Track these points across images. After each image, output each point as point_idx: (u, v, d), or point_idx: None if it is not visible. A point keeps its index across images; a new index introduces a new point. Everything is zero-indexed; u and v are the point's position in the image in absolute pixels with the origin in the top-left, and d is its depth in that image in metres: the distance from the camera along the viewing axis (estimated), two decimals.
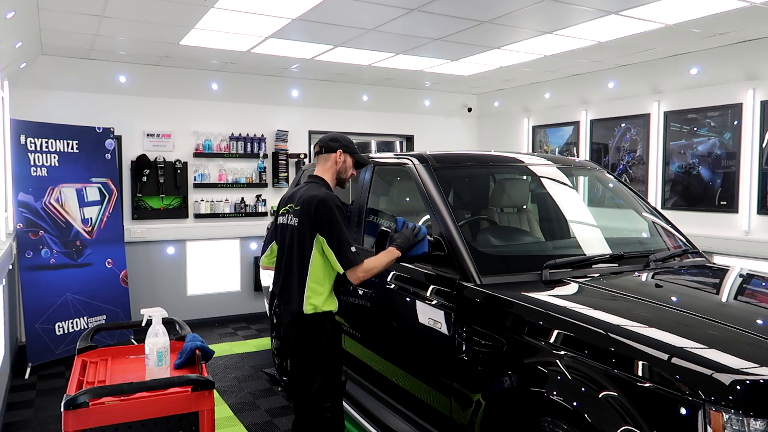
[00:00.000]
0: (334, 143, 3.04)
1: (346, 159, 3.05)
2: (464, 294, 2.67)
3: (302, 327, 2.87)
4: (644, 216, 3.59)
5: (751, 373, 1.79)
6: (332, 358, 2.92)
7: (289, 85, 7.41)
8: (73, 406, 2.12)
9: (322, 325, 2.86)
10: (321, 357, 2.88)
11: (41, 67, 6.08)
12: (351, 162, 3.07)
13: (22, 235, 5.19)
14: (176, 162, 6.69)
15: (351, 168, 3.08)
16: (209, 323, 6.85)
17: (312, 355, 2.87)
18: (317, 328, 2.86)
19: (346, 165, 3.05)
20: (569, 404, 2.02)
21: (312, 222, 2.82)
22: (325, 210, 2.80)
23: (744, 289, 2.93)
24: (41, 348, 5.25)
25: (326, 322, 2.88)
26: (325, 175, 3.04)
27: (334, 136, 3.09)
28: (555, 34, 5.17)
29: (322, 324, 2.86)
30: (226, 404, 4.52)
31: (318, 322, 2.85)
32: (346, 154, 3.04)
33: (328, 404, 2.90)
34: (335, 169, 3.04)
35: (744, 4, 4.30)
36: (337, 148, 3.02)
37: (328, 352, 2.89)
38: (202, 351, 2.66)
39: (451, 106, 8.56)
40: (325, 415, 2.90)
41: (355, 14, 4.64)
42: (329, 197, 2.85)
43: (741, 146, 5.42)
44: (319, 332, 2.86)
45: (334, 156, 3.03)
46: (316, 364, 2.87)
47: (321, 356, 2.88)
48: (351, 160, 3.06)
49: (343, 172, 3.06)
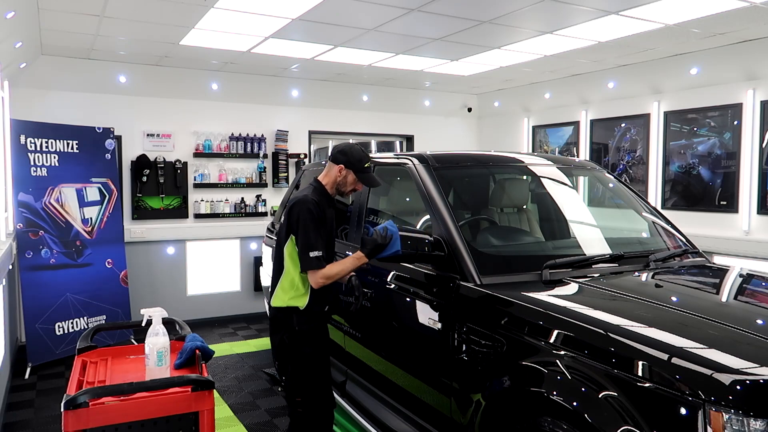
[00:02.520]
0: (340, 156, 3.00)
1: (348, 175, 3.00)
2: (464, 294, 2.67)
3: (273, 321, 3.00)
4: (644, 216, 3.59)
5: (751, 373, 1.79)
6: (299, 353, 2.94)
7: (289, 85, 7.41)
8: (73, 406, 2.12)
9: (288, 321, 2.93)
10: (285, 352, 2.97)
11: (41, 67, 6.08)
12: (353, 179, 3.01)
13: (22, 235, 5.19)
14: (176, 162, 6.69)
15: (353, 184, 3.03)
16: (209, 323, 6.85)
17: (278, 349, 3.00)
18: (284, 323, 2.94)
19: (346, 180, 3.01)
20: (569, 404, 2.02)
21: (286, 221, 2.93)
22: (297, 211, 2.88)
23: (744, 289, 2.93)
24: (41, 348, 5.25)
25: (293, 317, 2.91)
26: (325, 180, 3.06)
27: (343, 148, 3.03)
28: (555, 34, 5.17)
29: (289, 319, 2.93)
30: (226, 404, 4.52)
31: (285, 317, 2.93)
32: (348, 170, 2.99)
33: (299, 399, 2.96)
34: (335, 180, 3.03)
35: (744, 4, 4.30)
36: (341, 162, 2.99)
37: (290, 348, 2.94)
38: (202, 351, 2.67)
39: (451, 106, 8.56)
40: (296, 410, 2.98)
41: (355, 14, 4.64)
42: (305, 199, 2.89)
43: (741, 146, 5.42)
44: (284, 327, 2.94)
45: (336, 168, 3.01)
46: (281, 359, 2.99)
47: (285, 351, 2.97)
48: (353, 176, 3.01)
49: (343, 186, 3.04)
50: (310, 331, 2.94)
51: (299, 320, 2.91)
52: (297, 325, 2.91)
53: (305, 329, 2.93)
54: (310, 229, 2.83)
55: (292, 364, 2.96)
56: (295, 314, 2.91)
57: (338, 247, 3.85)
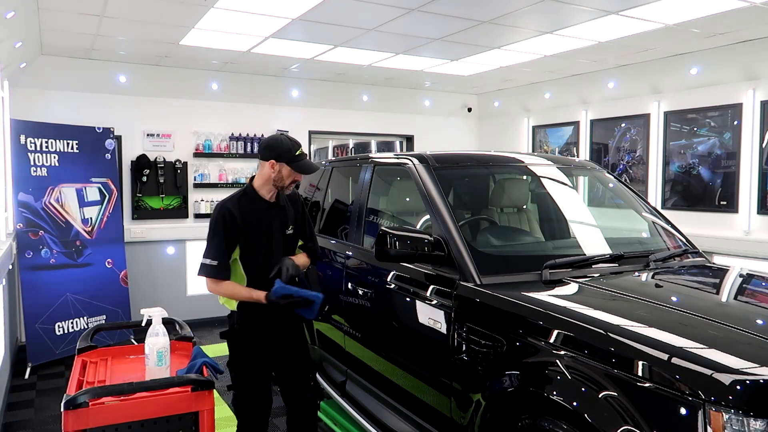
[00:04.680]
0: (267, 152, 2.84)
1: (281, 168, 2.83)
2: (464, 294, 2.67)
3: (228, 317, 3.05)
4: (644, 216, 3.59)
5: (751, 373, 1.79)
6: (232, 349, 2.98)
7: (289, 85, 7.41)
8: (73, 406, 2.12)
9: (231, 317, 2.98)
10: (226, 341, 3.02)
11: (41, 67, 6.08)
12: (288, 171, 2.84)
13: (22, 235, 5.19)
14: (176, 162, 6.69)
15: (291, 176, 2.86)
16: (209, 323, 6.84)
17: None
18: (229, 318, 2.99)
19: (281, 175, 2.84)
20: (569, 404, 2.02)
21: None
22: (212, 215, 2.89)
23: (744, 289, 2.93)
24: (41, 348, 5.25)
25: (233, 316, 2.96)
26: (256, 181, 2.92)
27: (269, 142, 2.87)
28: (555, 34, 5.17)
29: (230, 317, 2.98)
30: (226, 404, 4.52)
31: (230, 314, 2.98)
32: (280, 164, 2.82)
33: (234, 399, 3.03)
34: (269, 177, 2.86)
35: (744, 4, 4.30)
36: (270, 157, 2.83)
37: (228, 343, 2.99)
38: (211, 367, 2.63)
39: (451, 106, 8.56)
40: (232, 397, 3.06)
41: (355, 14, 4.64)
42: (220, 205, 2.87)
43: (741, 146, 5.42)
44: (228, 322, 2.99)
45: (268, 165, 2.85)
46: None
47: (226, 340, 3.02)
48: (287, 169, 2.84)
49: (279, 181, 2.87)
50: (243, 331, 2.94)
51: (237, 320, 2.95)
52: (236, 323, 2.95)
53: (238, 329, 2.95)
54: (211, 237, 2.83)
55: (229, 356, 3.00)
56: (235, 314, 2.96)
57: (338, 247, 3.86)
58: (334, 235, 4.13)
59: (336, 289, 3.71)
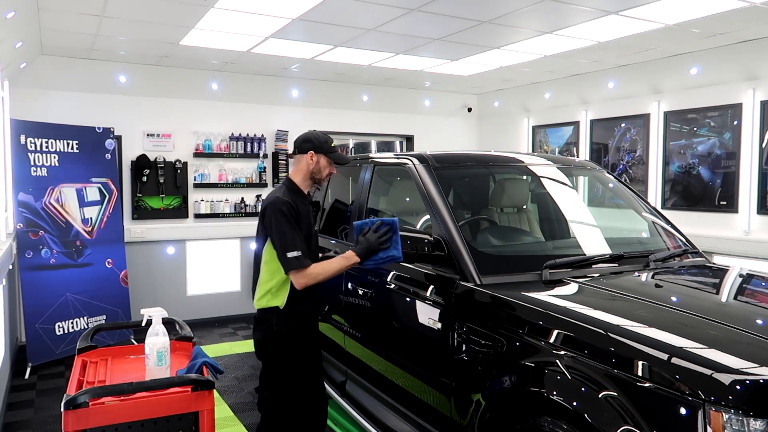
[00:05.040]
0: (306, 144, 2.98)
1: (320, 159, 2.97)
2: (464, 294, 2.67)
3: (255, 321, 3.01)
4: (644, 216, 3.59)
5: (751, 373, 1.79)
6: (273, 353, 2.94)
7: (289, 85, 7.41)
8: (73, 406, 2.12)
9: (267, 320, 2.93)
10: (260, 350, 2.98)
11: (41, 67, 6.08)
12: (326, 162, 2.98)
13: (22, 235, 5.19)
14: (176, 162, 6.69)
15: (327, 167, 3.00)
16: (209, 323, 6.85)
17: (256, 347, 3.02)
18: (263, 322, 2.95)
19: (319, 166, 2.98)
20: (569, 404, 2.02)
21: (261, 223, 2.93)
22: (270, 213, 2.84)
23: (744, 289, 2.93)
24: (41, 348, 5.25)
25: (272, 317, 2.91)
26: (296, 176, 3.01)
27: (306, 136, 3.01)
28: (555, 34, 5.17)
29: (268, 319, 2.93)
30: (226, 404, 4.52)
31: (265, 317, 2.93)
32: (319, 155, 2.97)
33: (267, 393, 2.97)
34: (308, 170, 2.98)
35: (744, 4, 4.30)
36: (309, 149, 2.96)
37: (266, 346, 2.95)
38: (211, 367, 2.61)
39: (451, 106, 8.56)
40: (264, 403, 3.00)
41: (355, 14, 4.64)
42: (276, 201, 2.85)
43: (741, 146, 5.42)
44: (263, 327, 2.94)
45: (306, 157, 2.97)
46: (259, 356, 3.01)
47: (260, 349, 2.98)
48: (325, 160, 2.99)
49: (317, 173, 2.99)
50: (288, 332, 2.91)
51: (278, 321, 2.89)
52: (275, 325, 2.90)
53: (282, 330, 2.90)
54: (285, 230, 2.79)
55: (266, 362, 2.97)
56: (275, 314, 2.90)
57: (339, 248, 3.86)
58: (334, 235, 4.13)
59: (336, 289, 3.71)
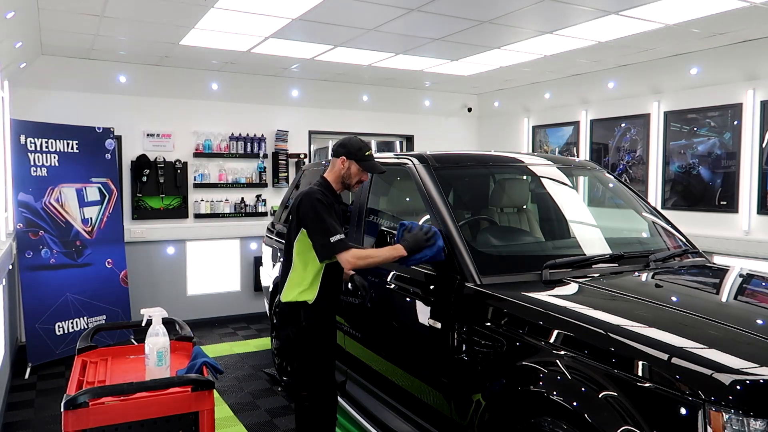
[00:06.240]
0: (340, 149, 3.05)
1: (350, 166, 3.03)
2: (464, 294, 2.67)
3: (282, 316, 3.03)
4: (644, 216, 3.59)
5: (751, 373, 1.79)
6: (305, 349, 2.96)
7: (289, 85, 7.41)
8: (73, 406, 2.12)
9: (296, 315, 2.95)
10: (292, 346, 3.00)
11: (41, 67, 6.08)
12: (356, 169, 3.03)
13: (22, 235, 5.19)
14: (176, 162, 6.69)
15: (358, 174, 3.05)
16: (209, 323, 6.85)
17: (286, 343, 3.03)
18: (292, 317, 2.97)
19: (350, 172, 3.04)
20: (569, 404, 2.02)
21: (296, 216, 2.96)
22: (305, 203, 2.90)
23: (744, 289, 2.93)
24: (41, 348, 5.25)
25: (300, 312, 2.94)
26: (330, 176, 3.09)
27: (342, 141, 3.07)
28: (555, 34, 5.17)
29: (297, 314, 2.95)
30: (226, 404, 4.52)
31: (293, 311, 2.96)
32: (350, 161, 3.02)
33: (305, 393, 2.99)
34: (339, 174, 3.06)
35: (744, 4, 4.30)
36: (342, 154, 3.03)
37: (297, 342, 2.97)
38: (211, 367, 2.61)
39: (451, 106, 8.56)
40: (303, 404, 3.01)
41: (355, 14, 4.64)
42: (311, 191, 2.94)
43: (741, 146, 5.42)
44: (293, 322, 2.96)
45: (339, 162, 3.04)
46: (289, 353, 3.00)
47: (292, 345, 3.00)
48: (356, 167, 3.04)
49: (348, 178, 3.06)
50: (316, 326, 2.96)
51: (306, 315, 2.94)
52: (304, 320, 2.94)
53: (311, 324, 2.95)
54: (324, 217, 2.85)
55: (298, 359, 2.98)
56: (303, 309, 2.94)
57: None
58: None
59: None
